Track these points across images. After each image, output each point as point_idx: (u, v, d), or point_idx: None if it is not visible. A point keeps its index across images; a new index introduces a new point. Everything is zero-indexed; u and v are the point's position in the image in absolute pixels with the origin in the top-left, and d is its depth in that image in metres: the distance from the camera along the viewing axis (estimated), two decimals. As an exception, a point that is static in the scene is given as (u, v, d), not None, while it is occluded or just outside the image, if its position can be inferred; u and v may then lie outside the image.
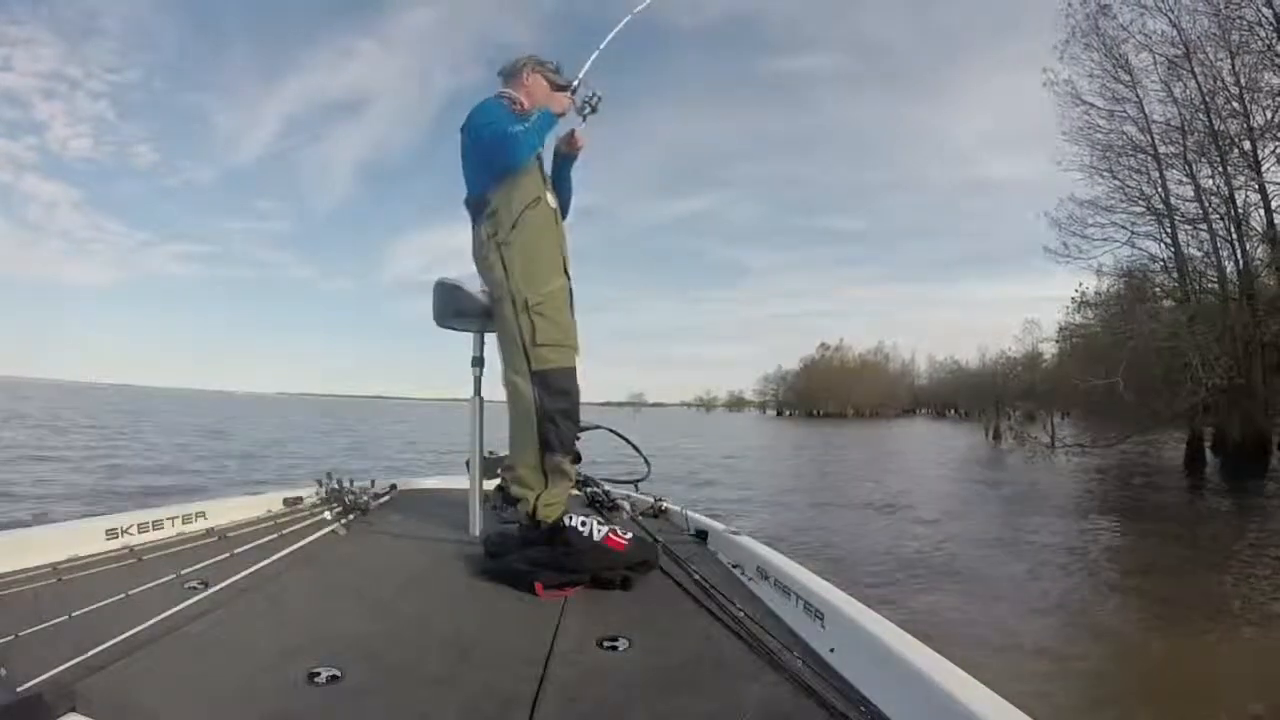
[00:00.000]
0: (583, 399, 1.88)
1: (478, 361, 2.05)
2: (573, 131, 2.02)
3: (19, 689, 0.84)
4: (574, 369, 1.86)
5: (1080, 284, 14.56)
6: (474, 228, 1.89)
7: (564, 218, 2.00)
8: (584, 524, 1.62)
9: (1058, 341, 17.53)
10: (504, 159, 1.81)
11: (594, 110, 1.96)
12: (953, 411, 60.39)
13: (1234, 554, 6.33)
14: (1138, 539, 7.52)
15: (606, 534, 1.59)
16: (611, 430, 3.09)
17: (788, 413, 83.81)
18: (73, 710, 0.79)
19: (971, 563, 6.14)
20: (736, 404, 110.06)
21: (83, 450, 12.66)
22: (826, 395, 77.79)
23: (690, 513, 2.24)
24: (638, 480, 2.70)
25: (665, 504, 2.38)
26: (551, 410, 1.79)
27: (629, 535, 1.63)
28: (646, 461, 2.63)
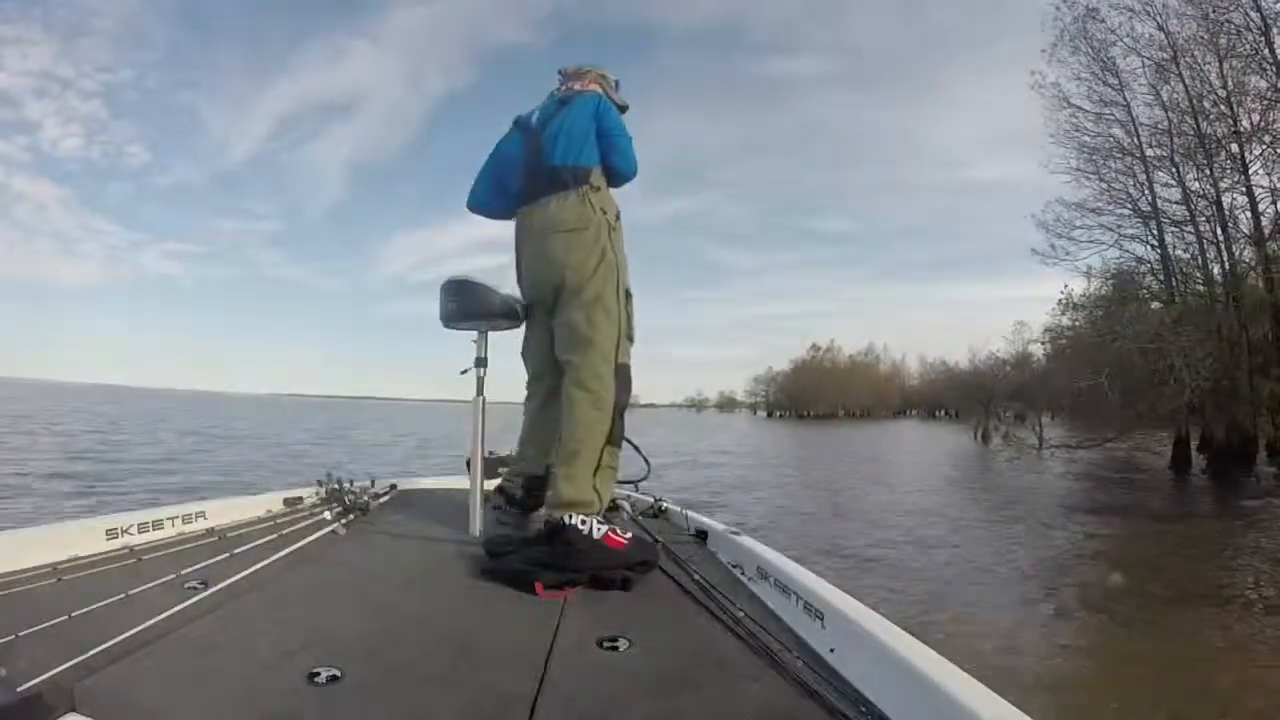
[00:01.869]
0: None
1: (481, 362, 2.03)
2: None
3: (19, 689, 0.83)
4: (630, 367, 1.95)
5: (1066, 285, 14.68)
6: (554, 196, 1.85)
7: None
8: (584, 522, 1.61)
9: (1043, 343, 17.66)
10: (626, 165, 1.94)
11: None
12: (943, 412, 60.80)
13: (1200, 554, 6.39)
14: (1115, 538, 7.57)
15: (606, 533, 1.59)
16: None
17: (778, 414, 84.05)
18: (73, 710, 0.80)
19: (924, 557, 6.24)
20: (727, 405, 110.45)
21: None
22: (817, 396, 78.09)
23: (690, 513, 2.24)
24: (638, 480, 2.67)
25: (665, 504, 2.39)
26: (622, 406, 1.85)
27: (629, 535, 1.63)
28: (646, 461, 2.60)
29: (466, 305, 1.94)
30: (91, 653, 0.97)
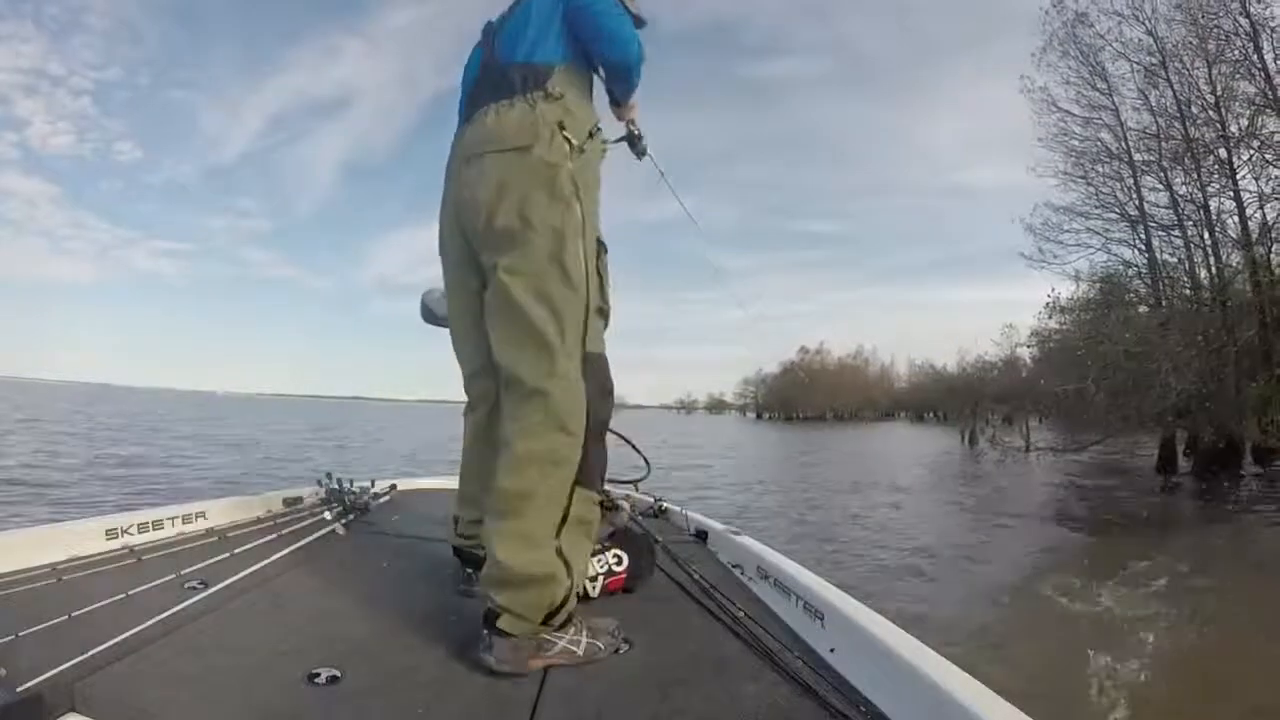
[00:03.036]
0: None
1: None
2: None
3: (19, 689, 0.84)
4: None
5: (1053, 289, 14.74)
6: (493, 106, 1.23)
7: None
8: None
9: (1028, 346, 17.75)
10: (615, 50, 1.30)
11: (640, 149, 1.59)
12: (931, 415, 61.14)
13: (1164, 557, 6.36)
14: (1088, 541, 7.60)
15: (603, 583, 1.46)
16: (611, 430, 3.02)
17: (767, 416, 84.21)
18: (73, 710, 0.80)
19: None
20: (716, 406, 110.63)
21: None
22: (806, 399, 78.32)
23: (690, 513, 2.23)
24: (638, 480, 2.67)
25: (665, 504, 2.38)
26: (602, 420, 1.20)
27: (624, 565, 1.50)
28: (646, 461, 2.59)
29: None
30: (91, 653, 0.98)
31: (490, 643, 1.04)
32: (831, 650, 1.14)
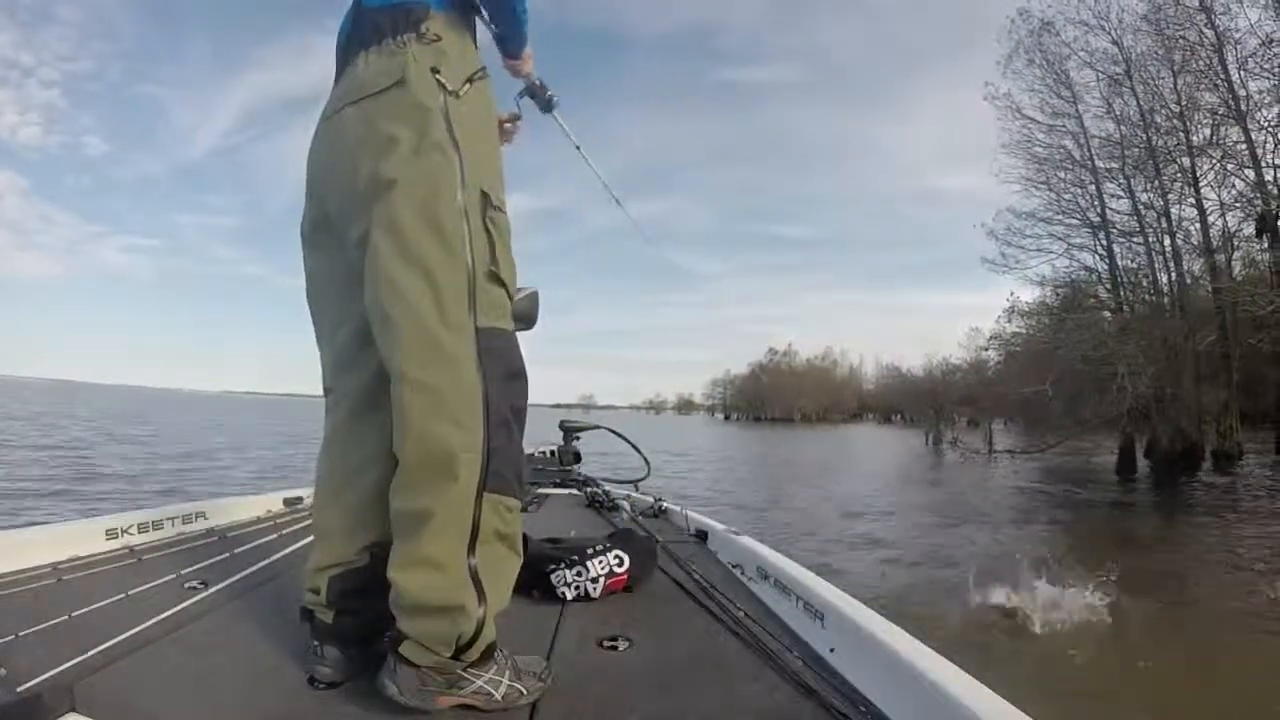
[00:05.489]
0: (531, 400, 1.15)
1: None
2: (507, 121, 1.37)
3: (19, 689, 0.85)
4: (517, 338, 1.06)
5: (1011, 293, 14.92)
6: (361, 54, 1.03)
7: None
8: (573, 582, 1.41)
9: (986, 349, 18.03)
10: None
11: (546, 102, 1.43)
12: (899, 417, 62.23)
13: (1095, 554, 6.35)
14: (1033, 542, 7.49)
15: (604, 584, 1.43)
16: (611, 430, 3.05)
17: (735, 417, 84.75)
18: (73, 710, 0.77)
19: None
20: (685, 407, 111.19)
21: None
22: (774, 399, 79.04)
23: (690, 513, 2.23)
24: (638, 480, 2.69)
25: (665, 504, 2.38)
26: (514, 409, 0.98)
27: (625, 566, 1.47)
28: (646, 461, 2.59)
29: None
30: (91, 653, 0.98)
31: (395, 669, 0.89)
32: (831, 650, 1.13)
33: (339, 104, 1.04)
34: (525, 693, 0.94)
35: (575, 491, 2.77)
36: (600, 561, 1.44)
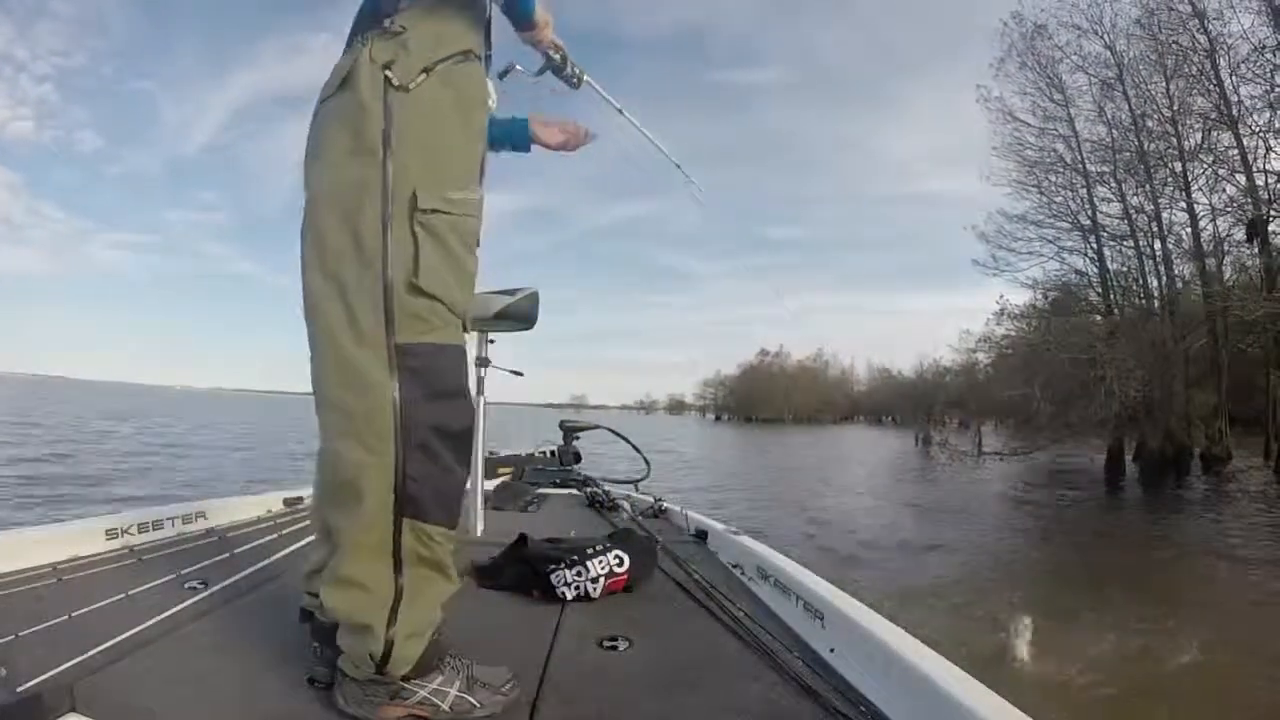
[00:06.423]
0: (523, 399, 1.11)
1: (482, 362, 1.98)
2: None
3: (19, 689, 0.85)
4: (464, 351, 1.00)
5: (1001, 296, 14.94)
6: (346, 52, 1.02)
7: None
8: (573, 582, 1.41)
9: (975, 352, 18.05)
10: None
11: (571, 76, 1.33)
12: (889, 418, 62.41)
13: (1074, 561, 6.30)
14: (1016, 544, 7.49)
15: (604, 584, 1.43)
16: (611, 430, 3.08)
17: (726, 417, 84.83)
18: (73, 710, 0.78)
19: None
20: (676, 408, 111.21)
21: None
22: (765, 400, 79.09)
23: (690, 513, 2.23)
24: (638, 480, 2.70)
25: (665, 504, 2.39)
26: (435, 429, 0.92)
27: (625, 566, 1.46)
28: (646, 461, 2.58)
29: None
30: (91, 653, 0.99)
31: (340, 681, 0.91)
32: (831, 650, 1.14)
33: (344, 83, 1.00)
34: (477, 705, 0.92)
35: (575, 491, 2.79)
36: (600, 561, 1.45)
